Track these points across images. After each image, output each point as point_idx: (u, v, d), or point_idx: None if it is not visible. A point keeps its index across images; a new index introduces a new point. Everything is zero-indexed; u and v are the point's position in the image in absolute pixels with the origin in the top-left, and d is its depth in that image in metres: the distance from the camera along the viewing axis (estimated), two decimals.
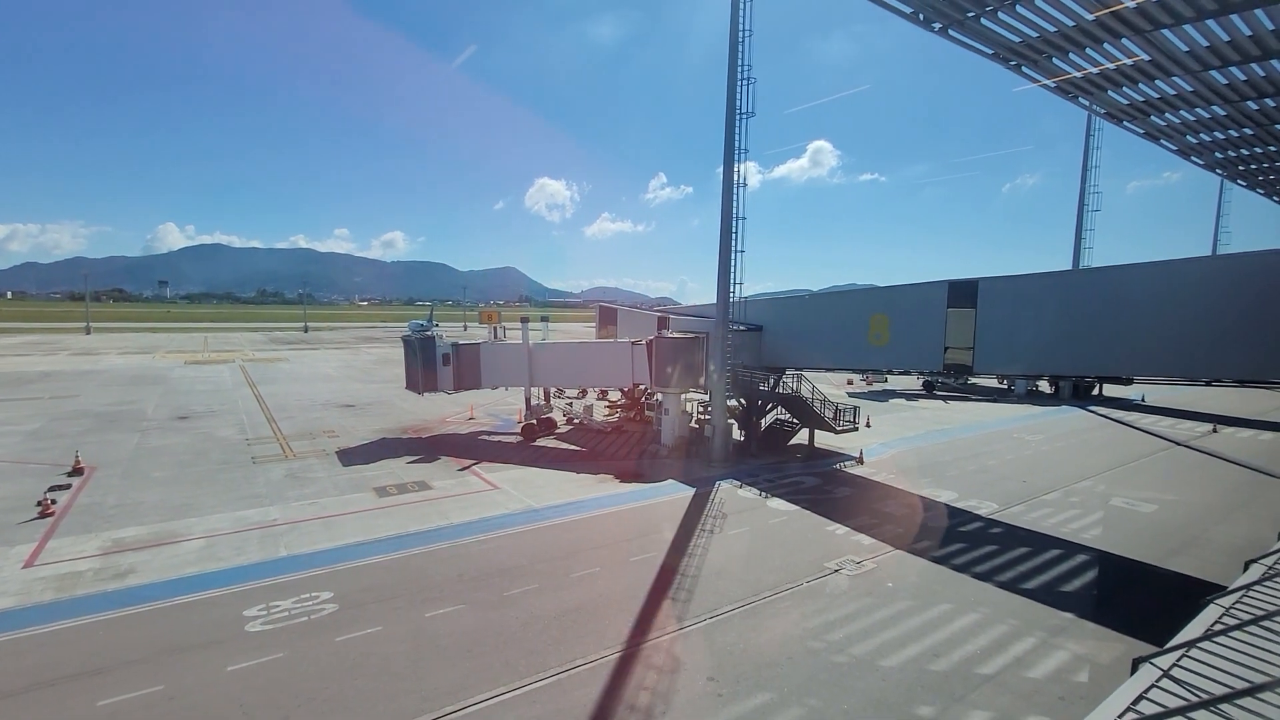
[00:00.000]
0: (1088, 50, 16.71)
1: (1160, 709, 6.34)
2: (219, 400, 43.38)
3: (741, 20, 26.11)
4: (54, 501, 21.14)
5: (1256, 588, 9.52)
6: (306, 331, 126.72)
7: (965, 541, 19.76)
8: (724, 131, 27.01)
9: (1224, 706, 6.36)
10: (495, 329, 40.36)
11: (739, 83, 26.48)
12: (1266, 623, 8.17)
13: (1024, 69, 18.20)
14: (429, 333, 33.52)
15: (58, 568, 16.49)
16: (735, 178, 27.15)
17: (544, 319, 44.77)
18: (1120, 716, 6.32)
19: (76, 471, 25.01)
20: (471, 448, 31.01)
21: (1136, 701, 6.61)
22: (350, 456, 28.59)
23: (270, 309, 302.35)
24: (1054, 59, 17.41)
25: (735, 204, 27.38)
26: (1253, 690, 6.44)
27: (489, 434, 34.54)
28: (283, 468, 26.51)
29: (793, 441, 32.33)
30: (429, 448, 30.62)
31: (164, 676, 11.84)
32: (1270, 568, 10.43)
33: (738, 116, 26.74)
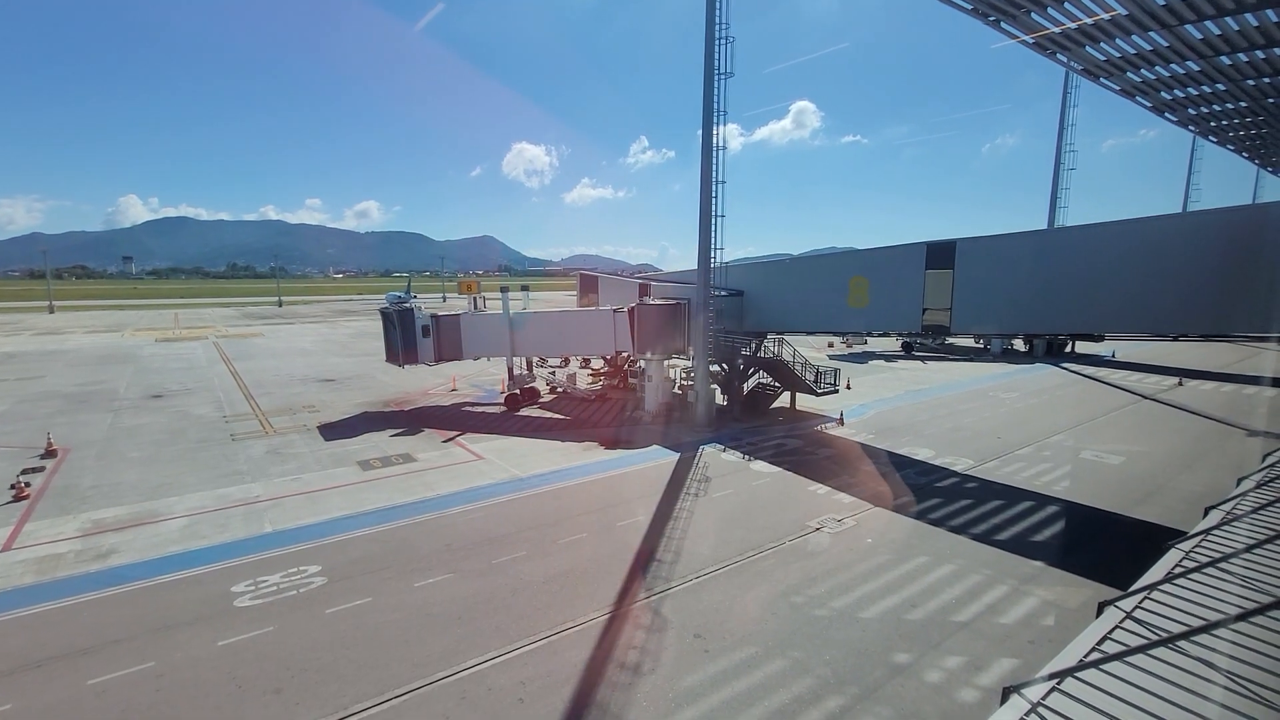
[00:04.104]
0: (1065, 4, 16.53)
1: (1123, 648, 6.67)
2: (193, 378, 42.50)
3: None
4: (28, 484, 20.72)
5: (1215, 532, 9.94)
6: (281, 306, 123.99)
7: (942, 497, 20.36)
8: (702, 93, 26.46)
9: (1182, 644, 6.71)
10: (475, 299, 39.77)
11: (717, 41, 25.80)
12: (1223, 565, 8.56)
13: (1003, 24, 17.98)
14: (407, 304, 32.97)
15: (36, 550, 16.27)
16: (714, 140, 26.69)
17: (524, 288, 44.23)
18: (1086, 656, 6.64)
19: (49, 453, 24.49)
20: (455, 419, 30.92)
21: (1101, 642, 6.95)
22: (332, 431, 28.34)
23: (242, 283, 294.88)
24: (1032, 13, 17.20)
25: (715, 168, 27.00)
26: (1208, 627, 6.79)
27: (472, 405, 34.42)
28: (263, 444, 26.21)
29: (775, 405, 32.73)
30: (412, 420, 30.46)
31: (153, 654, 11.85)
32: (1228, 513, 10.89)
33: (716, 77, 26.14)
